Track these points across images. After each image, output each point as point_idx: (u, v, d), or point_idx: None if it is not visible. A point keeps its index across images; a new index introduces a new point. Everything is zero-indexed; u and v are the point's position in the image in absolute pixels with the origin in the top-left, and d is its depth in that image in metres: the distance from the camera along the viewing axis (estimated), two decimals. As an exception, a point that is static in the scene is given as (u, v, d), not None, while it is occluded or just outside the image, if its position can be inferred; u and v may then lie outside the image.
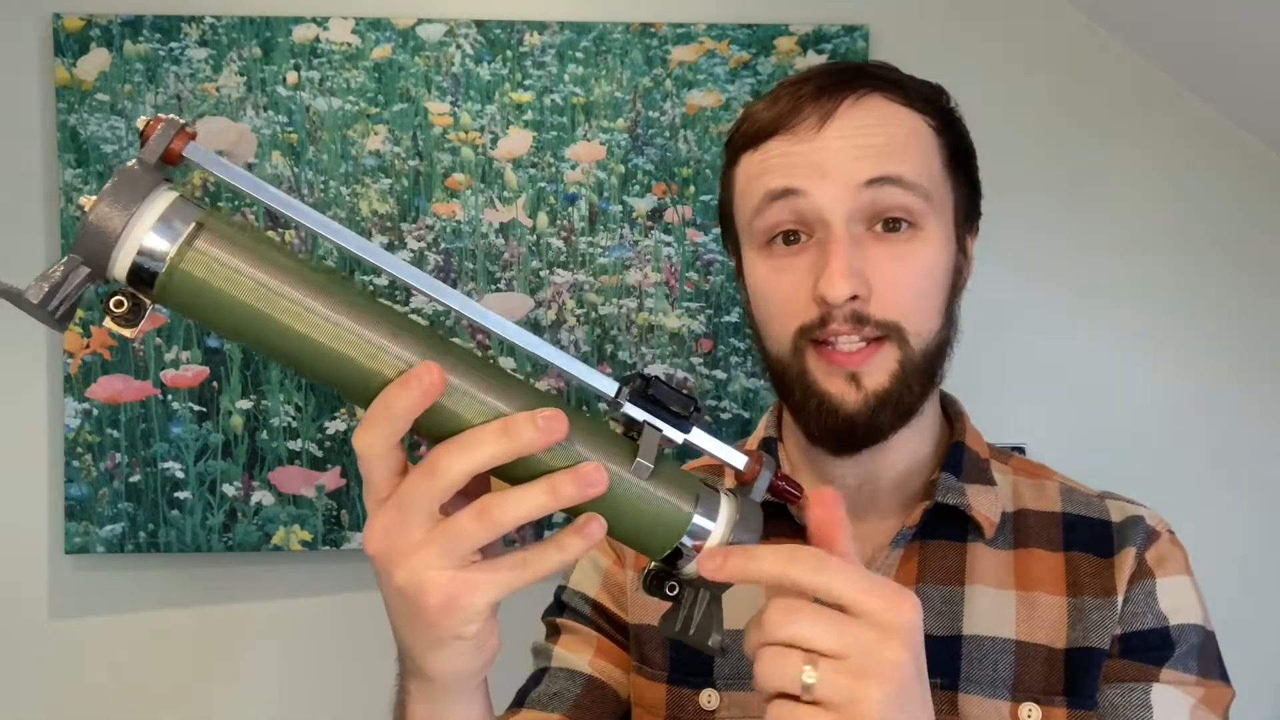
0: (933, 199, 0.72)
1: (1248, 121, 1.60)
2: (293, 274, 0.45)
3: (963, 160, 0.76)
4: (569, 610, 0.84)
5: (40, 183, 1.54)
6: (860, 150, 0.70)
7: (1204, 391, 1.63)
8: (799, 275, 0.71)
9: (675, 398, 0.51)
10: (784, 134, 0.72)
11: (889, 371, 0.71)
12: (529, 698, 0.79)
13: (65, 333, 1.50)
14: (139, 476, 1.52)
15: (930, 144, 0.73)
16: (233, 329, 0.45)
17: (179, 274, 0.44)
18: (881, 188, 0.69)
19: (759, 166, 0.74)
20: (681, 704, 0.77)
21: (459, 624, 0.48)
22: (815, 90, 0.72)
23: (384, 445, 0.46)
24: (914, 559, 0.74)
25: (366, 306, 0.46)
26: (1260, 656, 1.56)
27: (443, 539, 0.47)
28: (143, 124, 0.45)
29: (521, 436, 0.46)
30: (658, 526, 0.50)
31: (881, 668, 0.47)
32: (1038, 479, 0.80)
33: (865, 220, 0.70)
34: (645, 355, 1.57)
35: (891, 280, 0.70)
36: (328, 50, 1.54)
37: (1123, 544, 0.74)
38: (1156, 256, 1.63)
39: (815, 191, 0.70)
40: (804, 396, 0.72)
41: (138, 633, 1.58)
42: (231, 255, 0.45)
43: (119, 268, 0.44)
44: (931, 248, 0.72)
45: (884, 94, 0.73)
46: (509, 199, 1.56)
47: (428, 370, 0.45)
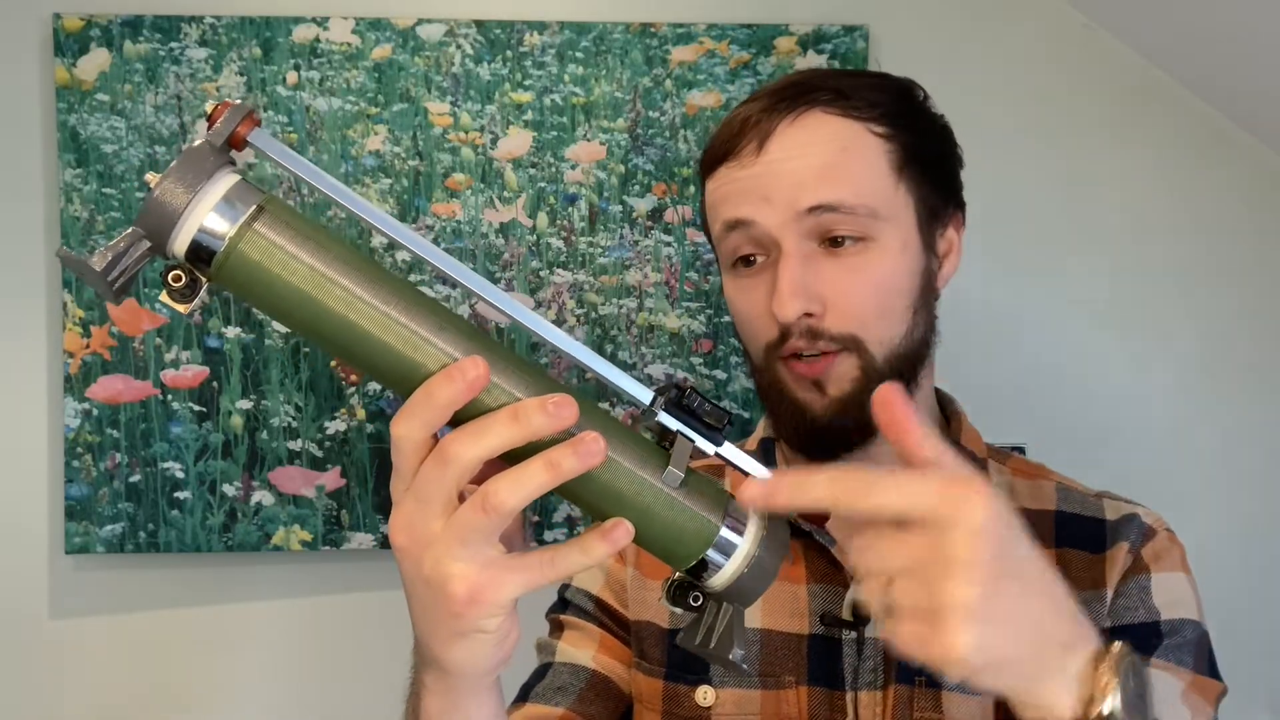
0: (880, 213, 0.72)
1: (1248, 121, 1.60)
2: (346, 262, 0.46)
3: (921, 159, 0.76)
4: (572, 607, 0.85)
5: (40, 183, 1.54)
6: (797, 175, 0.72)
7: (1204, 391, 1.63)
8: (758, 295, 0.74)
9: (709, 409, 0.51)
10: (731, 160, 0.75)
11: (850, 378, 0.73)
12: (533, 692, 0.80)
13: (65, 333, 1.51)
14: (139, 476, 1.52)
15: (875, 153, 0.73)
16: (284, 312, 0.46)
17: (237, 255, 0.45)
18: (823, 215, 0.71)
19: (714, 195, 0.78)
20: (678, 699, 0.77)
21: (482, 617, 0.49)
22: (758, 113, 0.74)
23: (422, 434, 0.47)
24: None
25: (414, 299, 0.47)
26: (1260, 656, 1.56)
27: (455, 530, 0.47)
28: (210, 107, 0.46)
29: (532, 422, 0.46)
30: (685, 536, 0.50)
31: (951, 569, 0.45)
32: (1034, 479, 0.80)
33: (815, 237, 0.72)
34: (645, 355, 1.57)
35: (845, 294, 0.72)
36: (328, 50, 1.54)
37: (1115, 540, 0.75)
38: (1156, 256, 1.63)
39: (762, 218, 0.72)
40: (778, 403, 0.76)
41: (138, 633, 1.58)
42: (289, 240, 0.46)
43: (179, 244, 0.45)
44: (886, 257, 0.73)
45: (823, 108, 0.73)
46: (509, 199, 1.56)
47: (474, 364, 0.46)
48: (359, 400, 1.55)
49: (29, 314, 1.55)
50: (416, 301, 0.47)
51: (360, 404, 1.54)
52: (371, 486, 1.55)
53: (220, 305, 1.53)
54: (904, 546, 0.46)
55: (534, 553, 0.50)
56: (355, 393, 1.54)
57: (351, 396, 1.54)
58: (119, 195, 1.52)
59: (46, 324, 1.55)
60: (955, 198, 0.79)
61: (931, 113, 0.79)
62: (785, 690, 0.75)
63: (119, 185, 1.52)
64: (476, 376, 0.46)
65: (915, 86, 0.79)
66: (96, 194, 1.52)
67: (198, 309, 1.40)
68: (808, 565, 0.77)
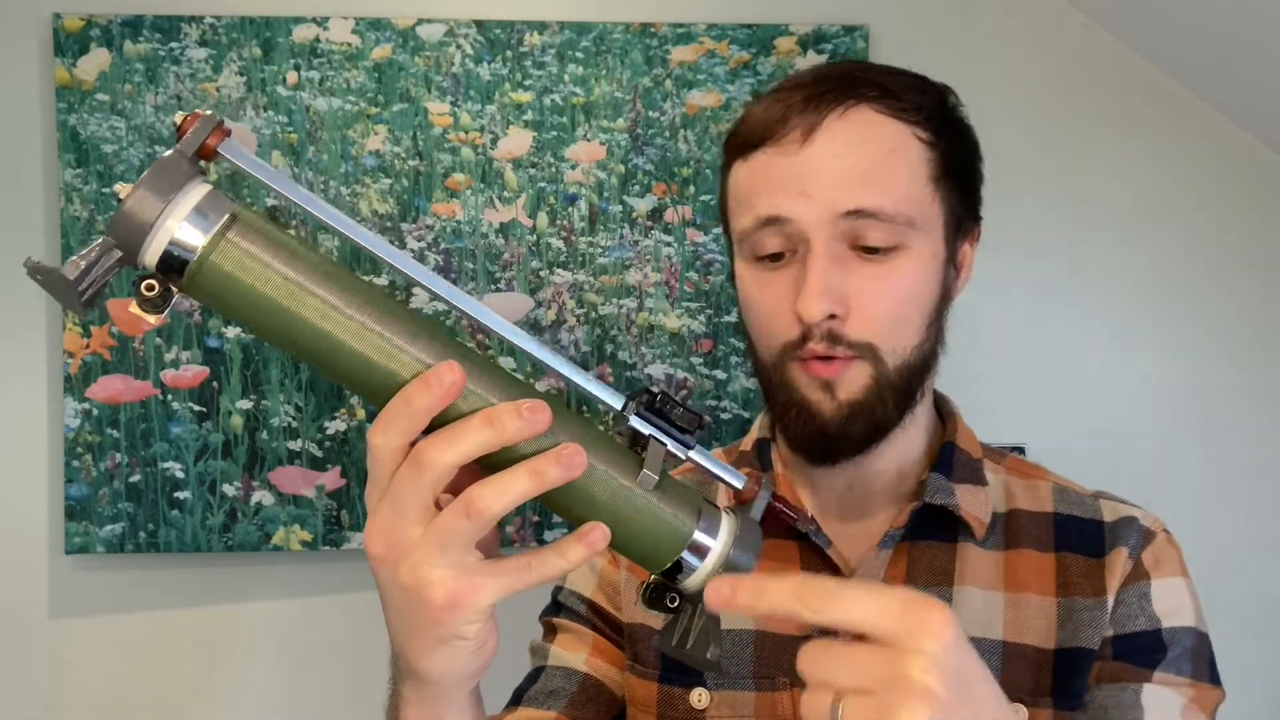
0: (916, 222, 0.71)
1: (1248, 121, 1.60)
2: (319, 271, 0.47)
3: (958, 170, 0.75)
4: (565, 610, 0.85)
5: (40, 183, 1.54)
6: (840, 173, 0.70)
7: (1204, 391, 1.63)
8: (781, 291, 0.72)
9: (682, 413, 0.51)
10: (771, 145, 0.72)
11: (862, 384, 0.71)
12: (525, 696, 0.80)
13: (65, 333, 1.51)
14: (139, 476, 1.52)
15: (917, 159, 0.72)
16: (257, 322, 0.46)
17: (209, 265, 0.45)
18: (860, 220, 0.69)
19: (748, 182, 0.74)
20: (673, 702, 0.77)
21: (461, 623, 0.49)
22: (804, 100, 0.72)
23: (399, 442, 0.47)
24: (903, 559, 0.75)
25: (387, 306, 0.47)
26: (1259, 656, 1.56)
27: (435, 536, 0.47)
28: (180, 118, 0.46)
29: (506, 427, 0.46)
30: (660, 539, 0.51)
31: (908, 696, 0.44)
32: (1031, 479, 0.80)
33: (847, 240, 0.71)
34: (645, 355, 1.57)
35: (871, 299, 0.70)
36: (328, 50, 1.54)
37: (1114, 544, 0.74)
38: (1156, 256, 1.63)
39: (798, 215, 0.70)
40: (785, 404, 0.73)
41: (138, 633, 1.58)
42: (261, 249, 0.46)
43: (151, 254, 0.45)
44: (915, 265, 0.72)
45: (873, 105, 0.72)
46: (509, 199, 1.56)
47: (450, 369, 0.46)
48: (359, 400, 1.54)
49: (29, 314, 1.55)
50: (389, 309, 0.47)
51: (360, 404, 1.54)
52: (371, 486, 1.55)
53: (220, 305, 1.53)
54: (856, 662, 0.46)
55: (512, 558, 0.50)
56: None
57: (351, 396, 1.54)
58: (119, 195, 1.52)
59: (46, 324, 1.55)
60: (976, 211, 0.78)
61: (966, 122, 0.77)
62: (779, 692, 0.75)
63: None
64: (453, 382, 0.46)
65: (951, 92, 0.77)
66: (96, 194, 1.52)
67: (165, 321, 1.40)
68: (804, 566, 0.76)
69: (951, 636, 0.45)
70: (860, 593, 0.47)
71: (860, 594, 0.46)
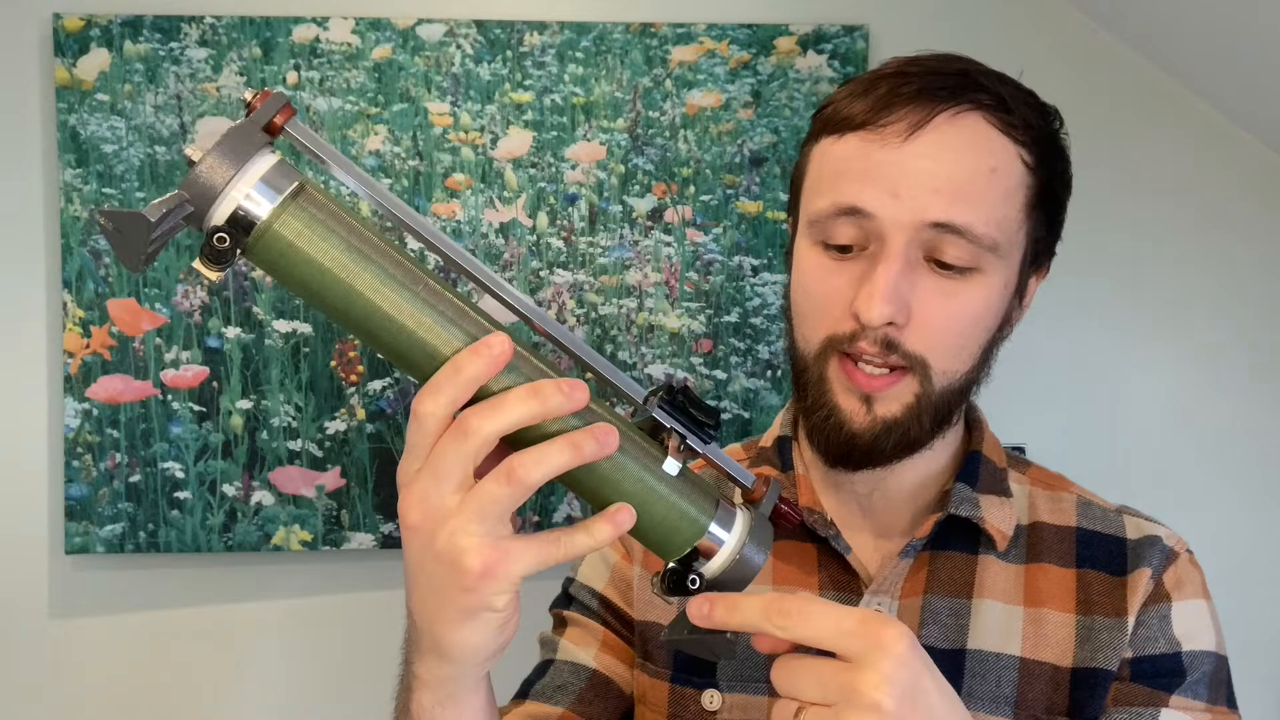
0: (999, 248, 0.68)
1: (1248, 121, 1.60)
2: (374, 246, 0.48)
3: (1050, 201, 0.72)
4: (576, 603, 0.84)
5: (40, 183, 1.54)
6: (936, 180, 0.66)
7: (1205, 391, 1.63)
8: (843, 283, 0.68)
9: (701, 407, 0.53)
10: (870, 132, 0.68)
11: (904, 403, 0.68)
12: (533, 689, 0.80)
13: (65, 333, 1.51)
14: (139, 476, 1.52)
15: (1017, 183, 0.68)
16: (312, 290, 0.48)
17: (272, 232, 0.47)
18: (944, 234, 0.66)
19: (835, 164, 0.69)
20: (684, 703, 0.76)
21: (494, 592, 0.50)
22: (915, 92, 0.67)
23: (446, 410, 0.48)
24: (923, 569, 0.73)
25: (437, 284, 0.49)
26: (1260, 656, 1.56)
27: (475, 503, 0.48)
28: (250, 95, 0.48)
29: (549, 399, 0.48)
30: (679, 528, 0.53)
31: (859, 710, 0.48)
32: (1055, 491, 0.78)
33: (925, 250, 0.67)
34: (645, 355, 1.57)
35: (934, 314, 0.67)
36: (328, 50, 1.54)
37: (1137, 563, 0.73)
38: (1156, 256, 1.63)
39: (882, 213, 0.66)
40: (816, 403, 0.70)
41: (138, 633, 1.58)
42: (323, 220, 0.47)
43: (218, 215, 0.46)
44: (986, 291, 0.68)
45: (985, 114, 0.68)
46: (509, 199, 1.56)
47: (499, 339, 0.48)
48: (359, 400, 1.54)
49: (29, 314, 1.55)
50: (438, 286, 0.49)
51: (360, 404, 1.54)
52: (371, 486, 1.55)
53: (220, 305, 1.53)
54: (818, 676, 0.49)
55: (542, 532, 0.51)
56: (355, 393, 1.54)
57: (351, 396, 1.54)
58: (119, 195, 1.52)
59: (46, 324, 1.55)
60: (1054, 247, 0.76)
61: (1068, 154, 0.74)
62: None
63: (119, 185, 1.52)
64: (501, 352, 0.48)
65: (1059, 116, 0.74)
66: (96, 194, 1.52)
67: (222, 278, 1.40)
68: (823, 572, 0.75)
69: (904, 653, 0.49)
70: (823, 611, 0.50)
71: (822, 612, 0.50)
